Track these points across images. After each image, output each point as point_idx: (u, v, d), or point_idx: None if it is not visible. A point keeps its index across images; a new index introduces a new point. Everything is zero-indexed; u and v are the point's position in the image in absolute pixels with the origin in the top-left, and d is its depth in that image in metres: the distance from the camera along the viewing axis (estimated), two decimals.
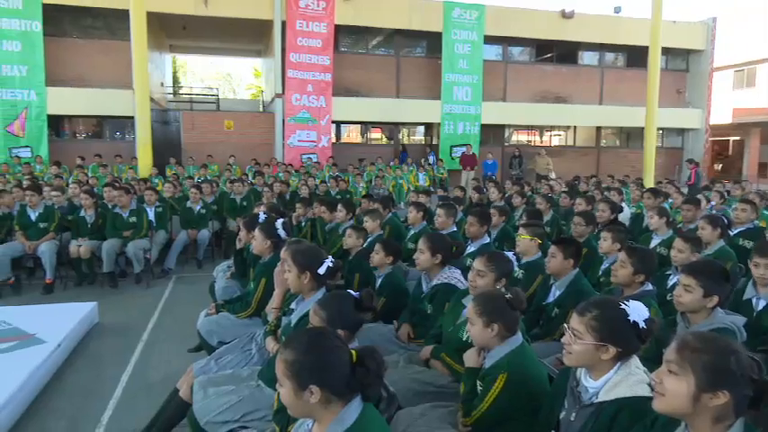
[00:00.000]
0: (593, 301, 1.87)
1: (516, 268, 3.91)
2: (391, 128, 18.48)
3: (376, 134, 18.96)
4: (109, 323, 5.14)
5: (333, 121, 16.34)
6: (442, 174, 15.99)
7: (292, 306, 2.86)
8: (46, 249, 6.13)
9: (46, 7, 14.01)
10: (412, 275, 4.43)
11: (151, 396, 3.46)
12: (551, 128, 20.14)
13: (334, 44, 15.98)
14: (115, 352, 4.46)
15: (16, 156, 13.77)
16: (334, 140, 16.80)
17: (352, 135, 18.72)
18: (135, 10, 12.07)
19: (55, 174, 11.16)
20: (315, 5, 15.40)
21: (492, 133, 18.48)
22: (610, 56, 19.62)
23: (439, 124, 17.27)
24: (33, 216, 6.34)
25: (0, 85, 13.91)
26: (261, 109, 20.97)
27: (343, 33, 16.80)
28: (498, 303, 2.21)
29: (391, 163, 15.77)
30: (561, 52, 18.83)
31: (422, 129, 19.33)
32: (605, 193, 7.99)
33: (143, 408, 3.31)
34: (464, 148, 16.43)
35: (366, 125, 18.31)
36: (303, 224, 6.65)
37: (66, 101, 14.59)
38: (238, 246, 4.44)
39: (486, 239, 4.70)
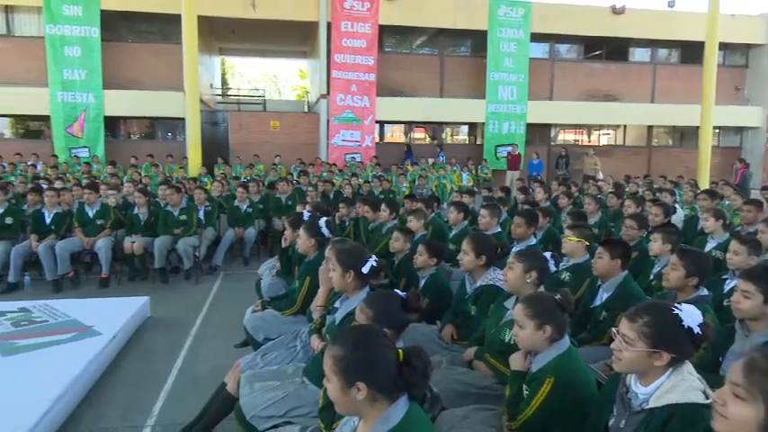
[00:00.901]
0: (644, 306, 1.81)
1: (562, 270, 3.85)
2: (435, 127, 18.42)
3: (419, 134, 18.93)
4: (160, 317, 5.31)
5: (376, 121, 16.41)
6: (486, 174, 15.81)
7: (336, 305, 2.89)
8: (102, 245, 6.40)
9: (104, 14, 14.63)
10: (455, 276, 4.40)
11: (199, 389, 3.56)
12: (600, 127, 19.62)
13: (379, 44, 16.05)
14: (166, 345, 4.61)
15: (75, 156, 14.45)
16: (377, 140, 16.87)
17: (395, 135, 18.76)
18: (186, 14, 12.46)
19: (111, 173, 11.63)
20: (359, 6, 15.51)
21: (538, 133, 18.15)
22: (662, 52, 18.94)
23: (483, 124, 17.09)
24: (91, 213, 6.63)
25: (62, 89, 14.62)
26: (306, 109, 21.25)
27: (387, 33, 16.86)
28: (548, 305, 2.16)
29: (404, 163, 15.66)
30: (611, 49, 18.32)
31: (465, 128, 19.17)
32: (657, 194, 7.72)
33: (191, 400, 3.41)
34: (509, 148, 16.20)
35: (409, 125, 18.31)
36: (347, 224, 6.70)
37: (122, 103, 15.20)
38: (284, 244, 4.52)
39: (533, 240, 4.62)
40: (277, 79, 43.96)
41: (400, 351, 1.51)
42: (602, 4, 17.53)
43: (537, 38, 17.00)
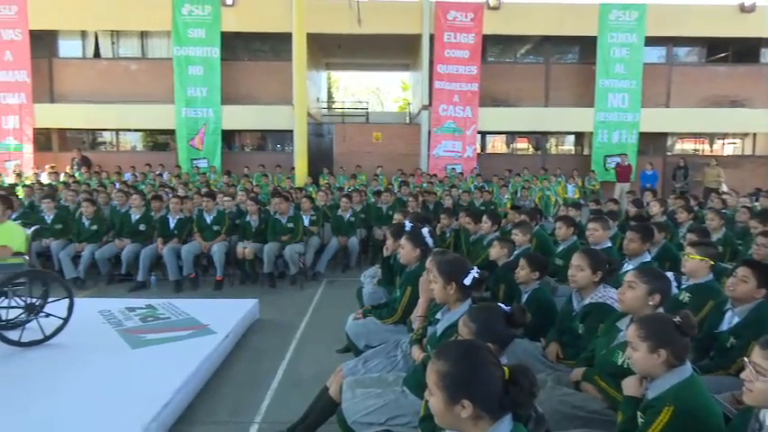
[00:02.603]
0: None
1: (681, 290, 3.56)
2: (538, 137, 17.87)
3: (522, 144, 18.46)
4: (268, 319, 5.59)
5: (478, 132, 16.23)
6: (594, 185, 15.05)
7: (438, 316, 2.87)
8: (217, 249, 6.86)
9: (223, 35, 15.82)
10: (560, 292, 4.23)
11: (303, 391, 3.68)
12: (724, 135, 17.97)
13: (482, 54, 15.90)
14: (273, 347, 4.84)
15: (196, 166, 15.71)
16: (479, 151, 16.68)
17: (497, 145, 18.43)
18: (297, 33, 13.16)
19: (226, 182, 12.48)
20: (463, 17, 15.49)
21: (652, 142, 16.99)
22: None
23: (591, 133, 16.31)
24: (209, 219, 7.15)
25: (186, 105, 15.98)
26: (407, 121, 21.53)
27: (490, 43, 16.67)
28: (665, 327, 2.01)
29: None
30: (738, 50, 16.76)
31: (572, 138, 18.41)
32: None
33: (295, 401, 3.54)
34: (619, 159, 15.31)
35: (512, 135, 17.91)
36: (447, 234, 6.67)
37: (237, 117, 16.30)
38: (385, 253, 4.57)
39: (647, 257, 4.31)
40: (380, 91, 44.93)
41: (507, 369, 1.47)
42: (729, 2, 16.11)
43: (652, 41, 15.96)
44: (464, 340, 1.93)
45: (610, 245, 4.81)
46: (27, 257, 4.41)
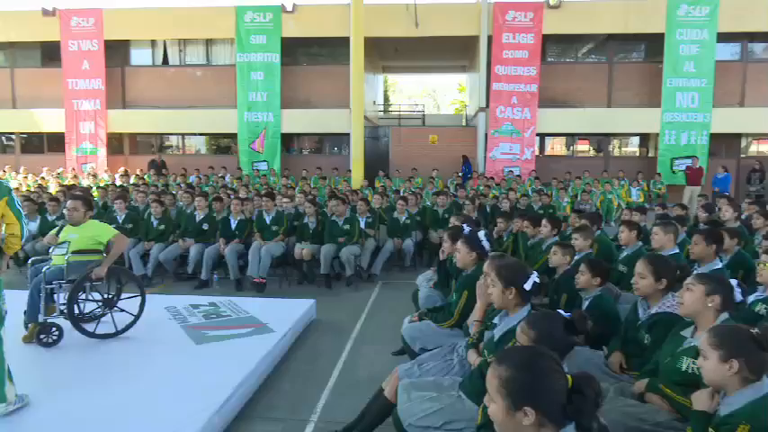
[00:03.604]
0: None
1: (757, 302, 3.35)
2: (600, 139, 17.30)
3: (583, 146, 17.93)
4: (324, 320, 5.67)
5: (537, 134, 15.90)
6: (660, 189, 14.42)
7: (495, 321, 2.83)
8: (266, 248, 7.00)
9: (283, 41, 16.23)
10: (624, 299, 4.07)
11: (358, 391, 3.71)
12: None
13: (541, 54, 15.57)
14: (329, 347, 4.90)
15: (256, 169, 16.19)
16: (537, 153, 16.33)
17: (556, 147, 17.99)
18: (355, 37, 13.35)
19: (285, 184, 12.78)
20: (522, 17, 15.24)
21: (724, 143, 16.12)
22: None
23: (657, 134, 15.65)
24: (268, 220, 7.34)
25: (247, 109, 16.51)
26: (464, 123, 21.35)
27: (550, 42, 16.31)
28: (740, 337, 1.90)
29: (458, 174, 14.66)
30: None
31: (636, 140, 17.72)
32: None
33: (350, 401, 3.57)
34: (688, 161, 14.59)
35: (572, 137, 17.43)
36: (504, 238, 6.56)
37: (296, 121, 16.69)
38: (441, 257, 4.55)
39: (718, 264, 4.09)
40: (436, 94, 44.85)
41: (570, 377, 1.43)
42: None
43: (725, 38, 15.15)
44: (528, 346, 1.89)
45: (677, 251, 4.59)
46: (105, 254, 4.65)
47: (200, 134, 18.61)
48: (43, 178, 14.76)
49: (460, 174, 15.50)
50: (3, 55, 18.50)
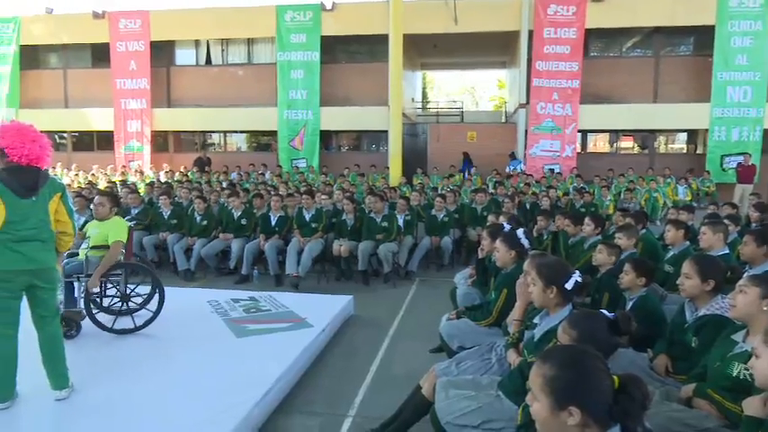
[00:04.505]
0: None
1: None
2: (645, 135, 16.79)
3: (626, 143, 17.43)
4: (362, 316, 5.70)
5: (579, 130, 15.55)
6: (709, 187, 13.89)
7: (536, 320, 2.79)
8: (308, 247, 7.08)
9: (323, 39, 16.37)
10: (670, 301, 3.94)
11: (395, 388, 3.71)
12: None
13: (584, 49, 15.21)
14: (366, 343, 4.93)
15: (296, 166, 16.39)
16: (579, 150, 15.97)
17: (599, 144, 17.56)
18: (393, 34, 13.35)
19: (323, 182, 12.90)
20: (564, 11, 14.91)
21: None
22: None
23: (706, 130, 15.07)
24: (308, 217, 7.43)
25: (287, 107, 16.73)
26: (503, 120, 21.08)
27: (593, 37, 15.89)
28: None
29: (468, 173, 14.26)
30: None
31: (683, 136, 17.12)
32: None
33: (388, 398, 3.58)
34: (740, 158, 13.99)
35: (616, 133, 16.98)
36: (544, 237, 6.46)
37: (334, 118, 16.81)
38: (480, 255, 4.51)
39: None
40: (475, 90, 44.40)
41: (616, 378, 1.40)
42: None
43: None
44: (573, 345, 1.85)
45: (727, 251, 4.42)
46: (124, 250, 4.71)
47: (241, 132, 18.98)
48: (93, 175, 15.32)
49: (460, 171, 15.32)
50: (56, 57, 19.32)
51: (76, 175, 15.62)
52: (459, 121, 20.89)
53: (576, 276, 2.57)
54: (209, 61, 18.44)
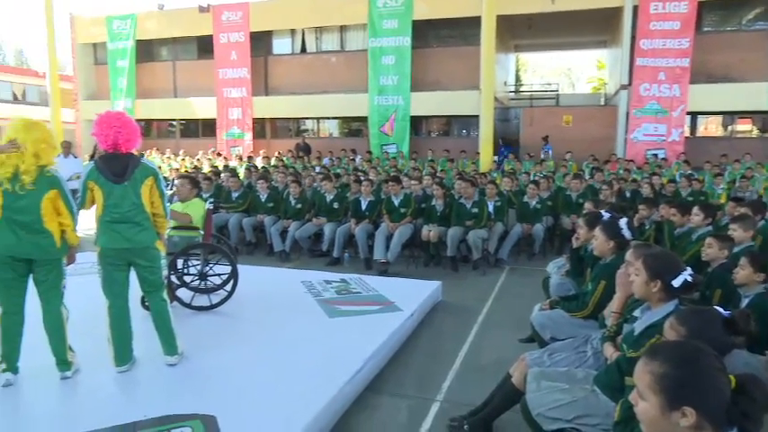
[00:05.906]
0: None
1: None
2: (765, 118, 15.24)
3: (744, 126, 15.92)
4: (450, 302, 5.69)
5: (687, 113, 14.40)
6: None
7: (636, 313, 2.64)
8: (398, 232, 7.12)
9: (414, 23, 16.29)
10: None
11: (483, 375, 3.69)
12: None
13: (696, 24, 14.00)
14: (454, 328, 4.91)
15: (386, 151, 16.54)
16: (687, 134, 14.81)
17: (710, 128, 16.19)
18: (486, 16, 12.99)
19: (413, 167, 12.91)
20: None
21: None
22: None
23: None
24: (396, 202, 7.49)
25: (378, 93, 16.88)
26: (602, 102, 19.98)
27: (707, 10, 14.59)
28: None
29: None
30: None
31: None
32: None
33: (475, 385, 3.56)
34: None
35: (731, 115, 15.55)
36: (647, 227, 6.07)
37: (424, 104, 16.74)
38: (575, 244, 4.33)
39: None
40: (571, 72, 42.45)
41: (732, 377, 1.29)
42: None
43: None
44: (686, 341, 1.71)
45: None
46: (202, 232, 4.91)
47: (333, 118, 19.42)
48: (198, 160, 16.36)
49: (495, 159, 14.61)
50: (166, 50, 20.80)
51: (183, 160, 16.75)
52: (554, 105, 20.07)
53: (687, 274, 2.37)
54: (303, 50, 19.00)
